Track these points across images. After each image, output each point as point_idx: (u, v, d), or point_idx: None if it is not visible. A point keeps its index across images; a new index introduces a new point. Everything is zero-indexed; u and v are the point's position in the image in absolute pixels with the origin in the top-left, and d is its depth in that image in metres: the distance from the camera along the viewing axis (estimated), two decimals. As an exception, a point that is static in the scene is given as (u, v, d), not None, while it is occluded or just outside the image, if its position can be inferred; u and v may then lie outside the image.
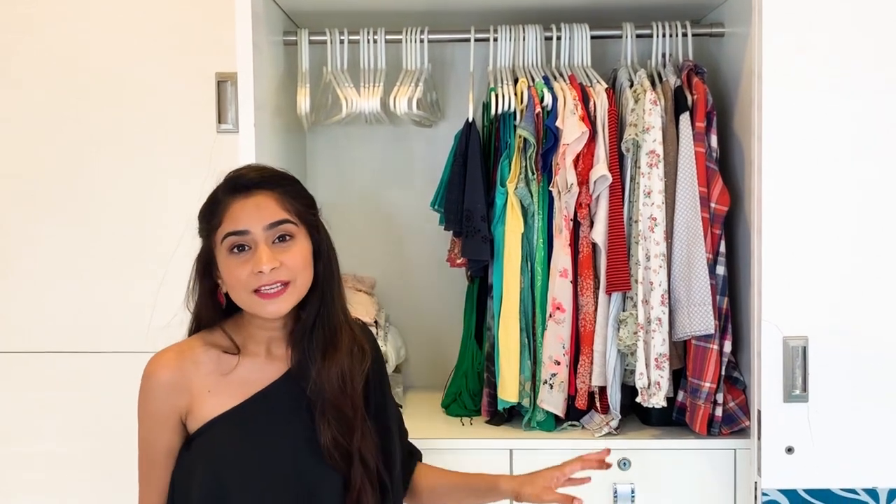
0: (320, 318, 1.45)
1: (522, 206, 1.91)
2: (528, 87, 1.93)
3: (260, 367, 1.45)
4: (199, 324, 1.48)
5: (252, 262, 1.37)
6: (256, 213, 1.39)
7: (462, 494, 1.58)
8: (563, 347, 1.89)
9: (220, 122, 2.13)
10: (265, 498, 1.38)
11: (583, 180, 1.87)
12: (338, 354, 1.44)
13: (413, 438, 1.88)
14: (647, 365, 1.82)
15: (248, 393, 1.42)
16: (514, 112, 1.93)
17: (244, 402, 1.42)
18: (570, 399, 1.92)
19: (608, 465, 1.56)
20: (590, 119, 1.88)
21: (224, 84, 2.12)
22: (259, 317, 1.41)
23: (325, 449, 1.40)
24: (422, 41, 2.06)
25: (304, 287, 1.42)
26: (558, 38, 2.02)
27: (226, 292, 1.43)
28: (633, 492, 1.85)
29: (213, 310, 1.46)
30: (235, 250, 1.38)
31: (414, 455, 1.63)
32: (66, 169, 2.16)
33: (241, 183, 1.42)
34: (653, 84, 1.91)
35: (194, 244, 1.48)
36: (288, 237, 1.40)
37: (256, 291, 1.37)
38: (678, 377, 1.90)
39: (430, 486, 1.59)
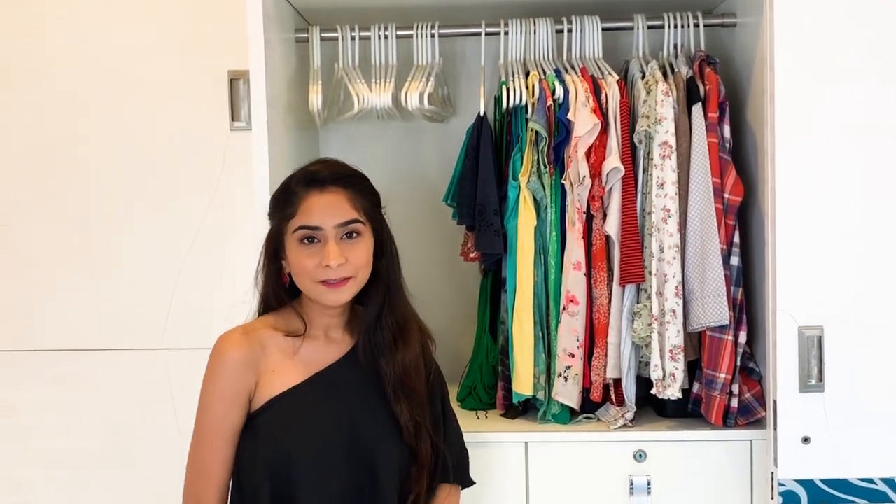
0: (388, 307, 1.57)
1: (535, 200, 1.91)
2: (540, 80, 1.93)
3: (320, 349, 1.55)
4: (266, 301, 1.57)
5: (321, 256, 1.47)
6: (330, 211, 1.48)
7: None
8: (578, 340, 1.89)
9: (233, 119, 2.15)
10: (324, 466, 1.46)
11: (595, 172, 1.86)
12: (411, 342, 1.58)
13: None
14: (662, 357, 1.81)
15: (309, 372, 1.52)
16: (526, 105, 1.92)
17: (306, 380, 1.51)
18: (585, 391, 1.92)
19: None
20: (602, 111, 1.88)
21: (237, 82, 2.14)
22: (320, 303, 1.52)
23: (404, 425, 1.52)
24: (432, 36, 2.06)
25: (363, 280, 1.53)
26: (569, 31, 2.02)
27: (288, 273, 1.53)
28: (649, 484, 1.85)
29: (279, 289, 1.56)
30: (306, 241, 1.48)
31: (448, 471, 1.61)
32: (79, 167, 2.18)
33: (318, 177, 1.51)
34: (665, 75, 1.90)
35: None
36: (355, 234, 1.51)
37: (320, 282, 1.48)
38: (693, 368, 1.90)
39: None
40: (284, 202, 1.52)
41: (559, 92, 1.90)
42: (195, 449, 1.50)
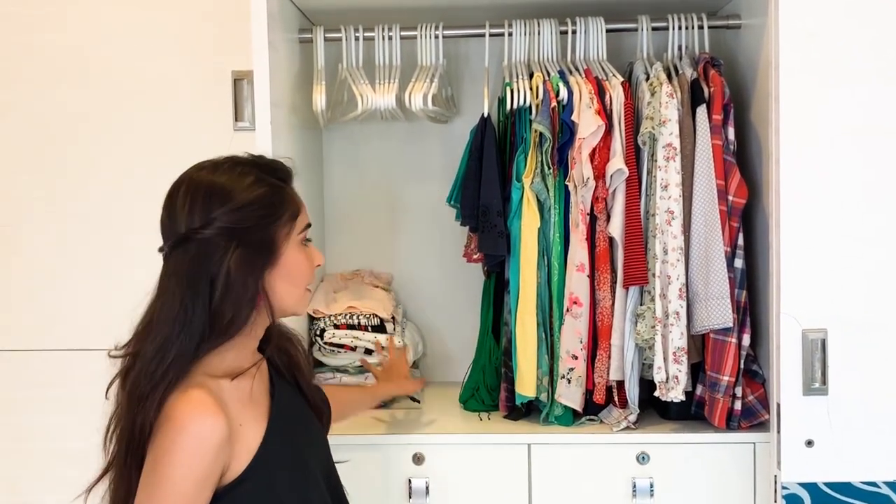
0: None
1: (538, 201, 1.90)
2: (544, 81, 1.92)
3: (257, 380, 1.33)
4: (219, 339, 1.25)
5: (313, 257, 1.35)
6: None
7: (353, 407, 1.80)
8: (581, 342, 1.88)
9: (236, 120, 2.15)
10: (314, 498, 1.34)
11: (599, 174, 1.86)
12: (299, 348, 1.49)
13: (431, 433, 1.90)
14: (666, 359, 1.81)
15: (263, 409, 1.32)
16: (530, 106, 1.92)
17: (270, 419, 1.31)
18: (588, 393, 1.92)
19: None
20: (606, 113, 1.88)
21: (240, 82, 2.14)
22: (262, 322, 1.30)
23: (316, 404, 1.47)
24: (436, 37, 2.06)
25: None
26: (573, 32, 2.02)
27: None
28: (651, 486, 1.85)
29: (247, 322, 1.26)
30: (306, 243, 1.34)
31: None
32: (83, 167, 2.18)
33: (286, 171, 1.35)
34: (669, 77, 1.90)
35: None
36: None
37: (307, 287, 1.35)
38: (696, 371, 1.90)
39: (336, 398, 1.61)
40: (281, 200, 1.29)
41: (563, 93, 1.89)
42: None
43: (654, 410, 1.99)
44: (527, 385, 1.91)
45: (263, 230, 1.26)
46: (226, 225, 1.24)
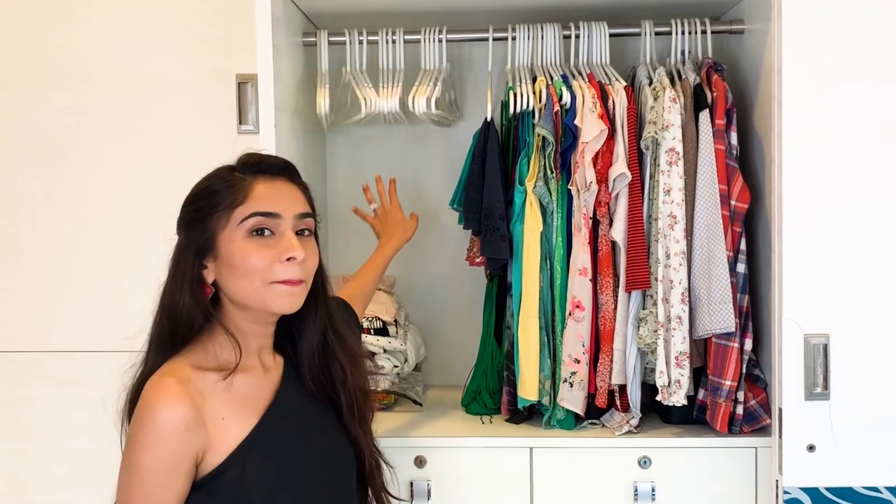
0: (331, 329, 1.41)
1: (541, 205, 1.91)
2: (547, 85, 1.93)
3: (259, 380, 1.34)
4: (175, 321, 1.30)
5: (279, 249, 1.28)
6: (287, 199, 1.31)
7: (373, 284, 1.88)
8: (583, 346, 1.89)
9: (240, 123, 2.15)
10: (314, 501, 1.34)
11: (602, 178, 1.86)
12: (361, 365, 1.45)
13: (433, 437, 1.90)
14: (668, 363, 1.81)
15: (258, 409, 1.32)
16: (533, 111, 1.93)
17: (262, 419, 1.31)
18: (591, 397, 1.92)
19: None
20: (609, 117, 1.88)
21: (244, 85, 2.14)
22: (257, 316, 1.32)
23: (364, 451, 1.43)
24: (440, 41, 2.06)
25: (308, 290, 1.35)
26: (577, 37, 2.02)
27: (212, 282, 1.30)
28: (653, 490, 1.85)
29: (199, 303, 1.29)
30: (255, 233, 1.28)
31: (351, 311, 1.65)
32: (85, 168, 2.18)
33: (265, 166, 1.33)
34: (672, 82, 1.90)
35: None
36: (307, 232, 1.35)
37: (276, 281, 1.28)
38: (699, 375, 1.90)
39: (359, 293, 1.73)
40: (222, 192, 1.29)
41: (566, 97, 1.90)
42: None
43: (656, 414, 1.99)
44: (529, 389, 1.91)
45: (199, 221, 1.30)
46: (179, 220, 1.34)
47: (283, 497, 1.29)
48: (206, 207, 1.30)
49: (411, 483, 1.87)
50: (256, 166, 1.34)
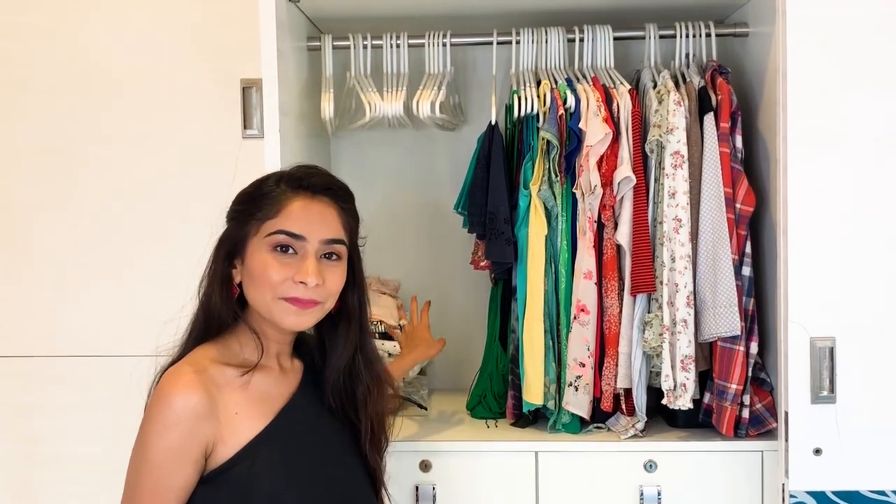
0: (361, 350, 1.44)
1: (546, 209, 1.91)
2: (551, 89, 1.93)
3: (275, 381, 1.38)
4: (211, 318, 1.35)
5: (296, 270, 1.30)
6: (318, 222, 1.33)
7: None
8: (588, 349, 1.88)
9: (245, 127, 2.15)
10: None
11: (607, 182, 1.86)
12: (384, 390, 1.48)
13: (438, 440, 1.90)
14: (673, 367, 1.81)
15: (272, 409, 1.34)
16: (537, 114, 1.93)
17: (275, 419, 1.33)
18: (596, 401, 1.92)
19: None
20: (613, 120, 1.88)
21: (249, 90, 2.14)
22: (275, 324, 1.35)
23: (374, 471, 1.44)
24: (444, 45, 2.06)
25: (327, 311, 1.38)
26: (581, 40, 2.02)
27: (238, 283, 1.35)
28: (659, 494, 1.84)
29: (229, 301, 1.35)
30: (279, 249, 1.32)
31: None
32: (90, 174, 2.19)
33: (309, 183, 1.35)
34: (676, 85, 1.90)
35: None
36: (335, 256, 1.37)
37: (285, 298, 1.31)
38: (704, 379, 1.90)
39: None
40: (262, 200, 1.33)
41: (571, 101, 1.90)
42: None
43: (662, 418, 1.99)
44: (534, 392, 1.91)
45: (238, 224, 1.36)
46: (227, 213, 1.38)
47: (289, 497, 1.30)
48: (246, 211, 1.35)
49: (416, 487, 1.87)
50: (300, 181, 1.36)
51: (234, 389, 1.30)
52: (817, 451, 1.67)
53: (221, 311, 1.35)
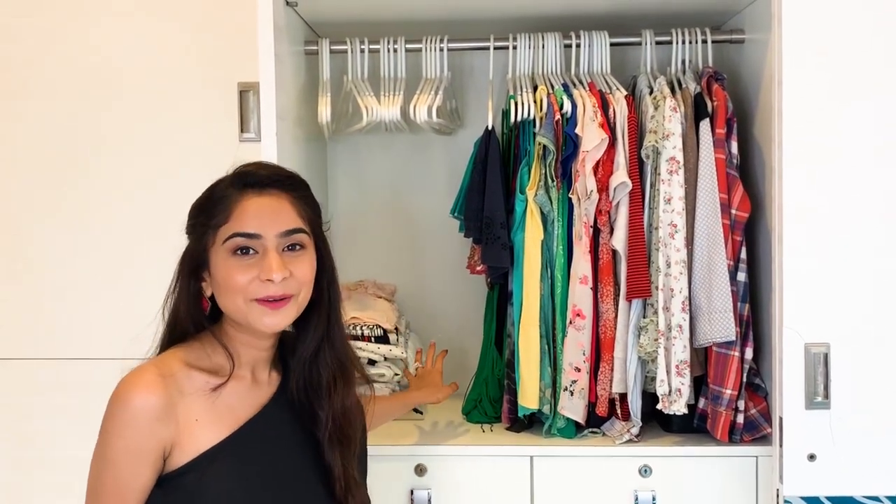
0: (327, 340, 1.39)
1: (542, 213, 1.91)
2: (548, 94, 1.93)
3: (245, 392, 1.34)
4: (174, 332, 1.34)
5: (260, 269, 1.27)
6: (271, 217, 1.30)
7: (390, 414, 1.83)
8: (584, 354, 1.89)
9: (242, 131, 2.16)
10: None
11: (602, 187, 1.87)
12: (351, 383, 1.42)
13: (433, 445, 1.90)
14: (668, 372, 1.81)
15: (237, 421, 1.31)
16: (534, 119, 1.93)
17: (237, 431, 1.30)
18: (591, 406, 1.92)
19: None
20: (609, 126, 1.89)
21: (246, 94, 2.15)
22: (250, 331, 1.32)
23: (336, 477, 1.37)
24: (441, 50, 2.07)
25: (304, 303, 1.34)
26: (577, 46, 2.03)
27: (209, 296, 1.33)
28: (654, 499, 1.85)
29: (198, 315, 1.33)
30: (239, 252, 1.28)
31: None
32: (87, 177, 2.19)
33: (254, 179, 1.32)
34: (672, 91, 1.91)
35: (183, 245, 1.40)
36: (299, 247, 1.33)
37: (257, 300, 1.28)
38: (699, 384, 1.90)
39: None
40: (212, 208, 1.30)
41: (567, 106, 1.90)
42: None
43: (657, 423, 1.99)
44: (529, 397, 1.91)
45: (196, 237, 1.33)
46: (186, 227, 1.36)
47: None
48: (200, 223, 1.32)
49: (412, 491, 1.87)
50: (245, 179, 1.32)
51: (198, 396, 1.28)
52: (811, 457, 1.67)
53: (187, 326, 1.33)
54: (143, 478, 1.23)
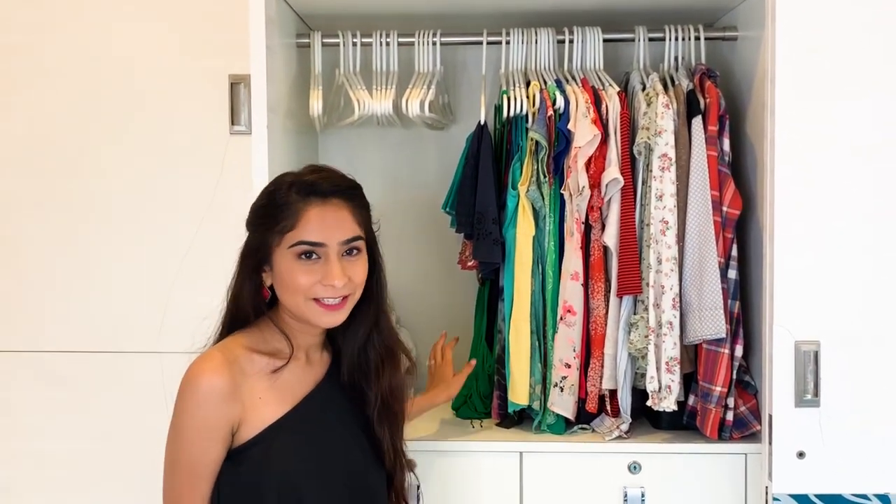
0: (376, 328, 1.52)
1: (534, 209, 1.91)
2: (541, 89, 1.93)
3: (301, 372, 1.47)
4: (240, 316, 1.46)
5: (323, 275, 1.39)
6: (335, 227, 1.41)
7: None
8: (574, 350, 1.88)
9: (232, 123, 2.14)
10: (331, 497, 1.43)
11: (594, 183, 1.87)
12: (397, 364, 1.55)
13: (423, 440, 1.90)
14: (658, 368, 1.81)
15: (295, 398, 1.44)
16: (526, 115, 1.93)
17: (296, 406, 1.43)
18: (581, 402, 1.92)
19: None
20: (602, 122, 1.88)
21: (237, 86, 2.13)
22: (308, 323, 1.44)
23: (385, 450, 1.51)
24: (434, 44, 2.06)
25: (357, 299, 1.47)
26: (571, 42, 2.02)
27: (269, 285, 1.45)
28: (643, 495, 1.85)
29: (259, 303, 1.46)
30: (303, 257, 1.40)
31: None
32: (78, 169, 2.18)
33: (318, 189, 1.42)
34: (665, 87, 1.91)
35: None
36: (356, 251, 1.45)
37: (316, 300, 1.41)
38: (689, 381, 1.90)
39: None
40: (277, 213, 1.41)
41: (560, 102, 1.90)
42: (172, 486, 1.37)
43: (647, 420, 1.99)
44: (519, 393, 1.91)
45: (259, 234, 1.44)
46: (247, 221, 1.47)
47: (298, 479, 1.39)
48: (265, 224, 1.43)
49: (401, 487, 1.86)
50: (311, 188, 1.42)
51: (260, 377, 1.40)
52: (801, 455, 1.68)
53: (248, 312, 1.45)
54: (213, 452, 1.36)
